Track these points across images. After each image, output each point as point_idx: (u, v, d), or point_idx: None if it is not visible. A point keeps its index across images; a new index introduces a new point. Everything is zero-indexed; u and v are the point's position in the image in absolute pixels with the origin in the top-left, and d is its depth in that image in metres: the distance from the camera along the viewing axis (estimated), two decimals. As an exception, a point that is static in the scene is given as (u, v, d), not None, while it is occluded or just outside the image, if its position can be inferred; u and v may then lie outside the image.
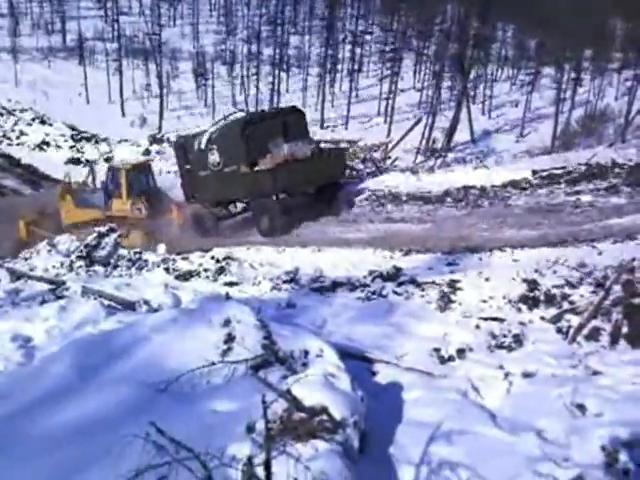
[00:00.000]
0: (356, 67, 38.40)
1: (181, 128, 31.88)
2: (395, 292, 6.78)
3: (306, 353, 4.48)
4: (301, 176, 12.88)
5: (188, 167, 14.35)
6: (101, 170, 17.98)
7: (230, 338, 4.69)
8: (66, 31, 47.55)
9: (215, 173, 13.52)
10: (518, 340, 5.07)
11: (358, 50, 39.30)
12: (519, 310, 5.61)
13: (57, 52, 45.04)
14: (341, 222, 14.57)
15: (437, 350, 5.12)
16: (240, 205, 14.54)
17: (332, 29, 38.29)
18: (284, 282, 8.66)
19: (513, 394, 4.38)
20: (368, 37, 43.47)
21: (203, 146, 13.73)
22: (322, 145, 14.59)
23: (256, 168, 12.91)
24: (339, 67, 40.79)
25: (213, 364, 4.30)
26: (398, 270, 7.61)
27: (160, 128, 32.23)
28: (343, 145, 21.01)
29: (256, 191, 12.82)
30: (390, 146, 22.71)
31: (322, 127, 32.47)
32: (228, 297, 6.02)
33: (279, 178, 12.62)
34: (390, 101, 29.81)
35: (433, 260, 8.62)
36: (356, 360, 4.98)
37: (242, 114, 15.59)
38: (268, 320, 5.04)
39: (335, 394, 3.51)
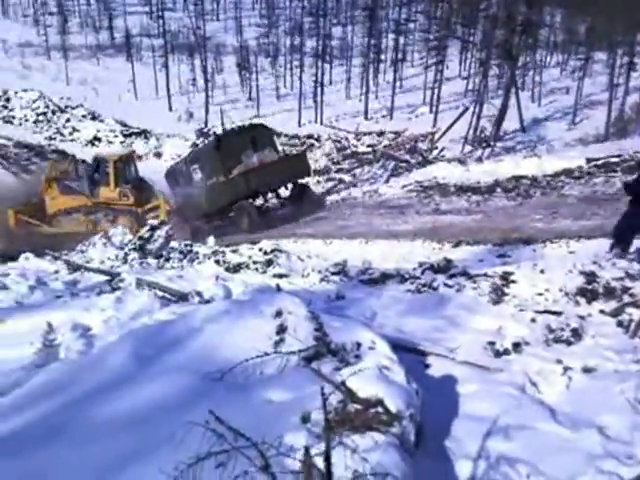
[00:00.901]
0: (400, 56, 37.92)
1: (226, 122, 32.24)
2: (446, 284, 6.68)
3: (358, 345, 4.46)
4: (270, 176, 14.80)
5: (180, 188, 16.14)
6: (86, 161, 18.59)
7: (282, 329, 4.71)
8: (113, 28, 48.62)
9: (200, 189, 15.34)
10: (577, 334, 4.92)
11: (402, 39, 38.79)
12: (577, 303, 5.45)
13: (105, 49, 46.13)
14: (388, 213, 14.53)
15: (492, 344, 5.02)
16: None
17: (375, 19, 37.88)
18: (332, 274, 8.66)
19: (573, 389, 4.25)
20: (412, 26, 42.91)
21: (185, 168, 15.70)
22: (284, 150, 17.04)
23: (231, 175, 14.77)
24: (382, 57, 40.39)
25: (266, 355, 4.34)
26: (449, 262, 7.51)
27: (206, 122, 32.66)
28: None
29: (234, 195, 14.52)
30: (437, 136, 22.40)
31: (366, 118, 32.23)
32: (279, 289, 6.05)
33: (252, 180, 14.47)
34: (435, 90, 29.34)
35: (484, 252, 8.48)
36: (408, 353, 4.94)
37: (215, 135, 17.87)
38: (319, 312, 5.05)
39: (390, 386, 3.49)
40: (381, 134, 26.14)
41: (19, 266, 10.69)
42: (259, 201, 15.81)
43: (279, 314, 4.87)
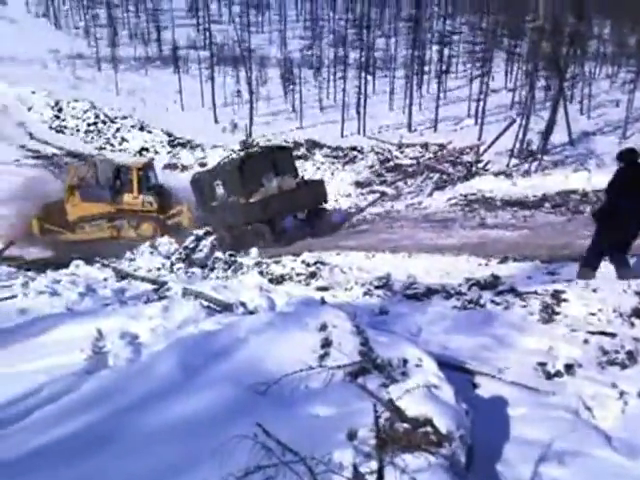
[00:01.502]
0: (444, 68, 37.64)
1: (270, 133, 32.58)
2: (493, 301, 6.54)
3: (405, 362, 4.40)
4: (288, 204, 15.41)
5: (203, 199, 16.64)
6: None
7: (327, 343, 4.68)
8: (161, 41, 49.83)
9: (222, 203, 15.89)
10: (632, 357, 4.73)
11: (446, 51, 38.53)
12: (632, 325, 5.25)
13: (153, 61, 47.29)
14: (431, 227, 14.38)
15: (542, 365, 4.87)
16: None
17: (419, 30, 37.76)
18: (376, 288, 8.60)
19: (629, 415, 4.09)
20: (456, 37, 42.61)
21: (210, 180, 16.21)
22: (303, 177, 17.10)
23: (251, 200, 15.23)
24: (426, 69, 40.20)
25: (311, 368, 4.33)
26: (496, 278, 7.35)
27: (250, 133, 33.04)
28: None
29: (251, 218, 15.00)
30: (482, 149, 22.10)
31: (410, 130, 32.07)
32: (323, 302, 6.03)
33: (270, 207, 15.04)
34: (480, 102, 29.01)
35: (532, 269, 8.28)
36: (455, 371, 4.84)
37: (240, 154, 18.18)
38: (364, 326, 5.01)
39: (439, 406, 3.42)
40: (425, 146, 25.92)
41: (70, 273, 10.99)
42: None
43: (324, 327, 4.85)
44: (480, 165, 20.68)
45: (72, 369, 4.98)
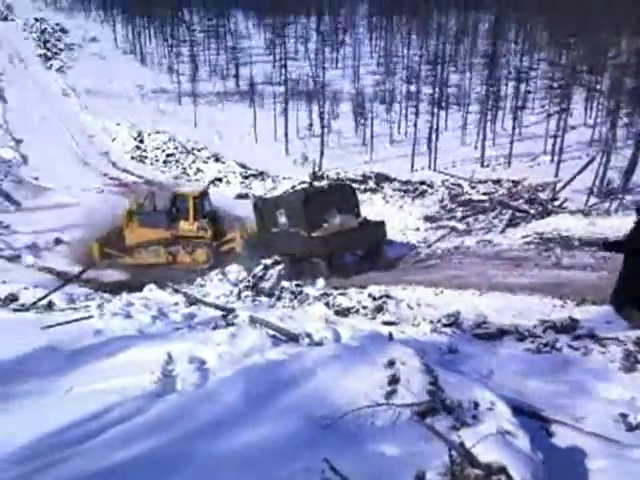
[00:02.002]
0: (520, 104, 37.03)
1: (340, 166, 32.91)
2: (571, 346, 6.23)
3: (476, 404, 4.24)
4: (349, 242, 15.63)
5: (264, 224, 17.03)
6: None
7: (394, 380, 4.58)
8: (239, 76, 51.67)
9: (282, 231, 16.23)
10: None
11: (522, 87, 37.95)
12: None
13: (230, 95, 49.05)
14: (503, 265, 13.97)
15: (624, 416, 4.56)
16: None
17: (494, 66, 37.44)
18: (444, 325, 8.38)
19: None
20: (533, 73, 41.95)
21: (272, 208, 16.63)
22: (365, 217, 17.18)
23: (313, 234, 15.45)
24: (501, 104, 39.69)
25: (378, 405, 4.24)
26: (574, 322, 7.01)
27: (320, 166, 33.48)
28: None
29: (311, 252, 15.23)
30: (559, 186, 21.43)
31: (482, 165, 31.59)
32: (391, 337, 5.94)
33: (331, 244, 15.20)
34: (558, 139, 28.25)
35: (612, 313, 7.85)
36: (530, 418, 4.61)
37: (305, 187, 18.88)
38: (433, 365, 4.88)
39: (514, 453, 3.26)
40: (498, 182, 25.45)
41: (143, 296, 11.33)
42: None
43: (391, 364, 4.75)
44: (556, 203, 20.02)
45: (142, 391, 5.09)
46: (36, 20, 68.86)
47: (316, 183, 26.57)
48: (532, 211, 19.33)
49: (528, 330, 7.19)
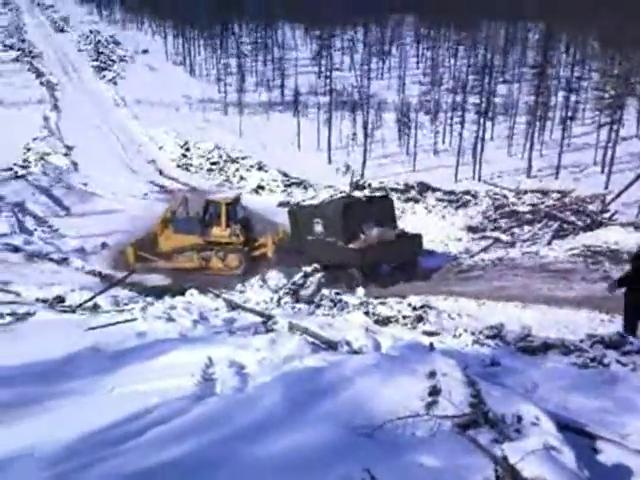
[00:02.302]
0: (569, 114, 36.22)
1: (382, 175, 32.79)
2: (619, 362, 6.00)
3: (519, 418, 4.11)
4: (385, 255, 15.59)
5: (299, 230, 17.09)
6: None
7: (435, 391, 4.49)
8: (284, 87, 52.26)
9: (318, 239, 16.26)
10: None
11: (572, 97, 37.13)
12: None
13: (275, 106, 49.60)
14: (549, 277, 13.65)
15: (674, 434, 4.35)
16: None
17: (544, 76, 36.75)
18: (487, 337, 8.19)
19: None
20: (584, 83, 41.02)
21: (308, 216, 16.76)
22: (402, 229, 17.19)
23: (350, 245, 15.52)
24: (550, 114, 38.90)
25: (418, 415, 4.16)
26: (623, 337, 6.76)
27: (362, 175, 33.44)
28: None
29: (348, 262, 15.28)
30: (609, 198, 20.81)
31: (529, 176, 30.99)
32: (432, 348, 5.84)
33: (368, 256, 15.25)
34: (609, 150, 27.48)
35: (663, 329, 7.55)
36: (575, 434, 4.44)
37: (343, 195, 18.89)
38: (475, 377, 4.76)
39: (559, 470, 3.14)
40: (545, 193, 24.86)
41: (185, 301, 11.49)
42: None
43: (432, 375, 4.66)
44: (606, 215, 19.43)
45: (182, 393, 5.14)
46: (91, 32, 71.36)
47: (357, 193, 26.52)
48: (580, 223, 18.82)
49: (574, 344, 6.96)
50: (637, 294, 7.98)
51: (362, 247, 15.39)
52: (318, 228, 16.39)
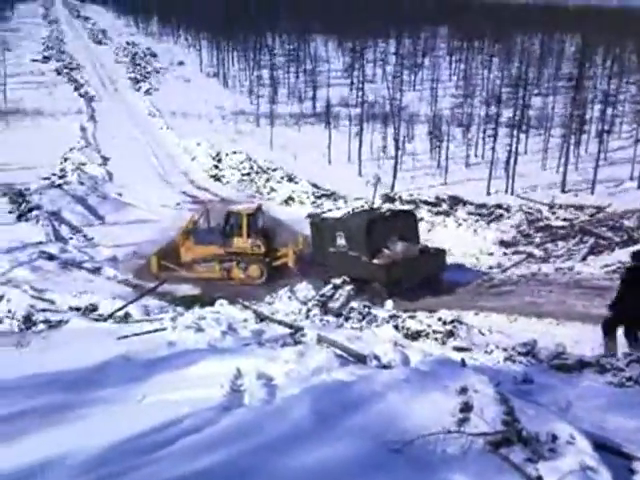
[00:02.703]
0: (606, 128, 35.58)
1: (413, 188, 32.65)
2: (657, 381, 5.83)
3: (554, 437, 4.00)
4: (411, 271, 15.44)
5: (320, 242, 17.12)
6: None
7: (467, 408, 4.41)
8: (316, 98, 52.58)
9: (341, 252, 16.23)
10: None
11: (609, 110, 36.48)
12: None
13: (306, 117, 49.90)
14: (584, 294, 13.35)
15: None
16: None
17: (580, 89, 36.22)
18: (519, 354, 8.04)
19: None
20: (621, 96, 40.29)
21: (331, 228, 16.84)
22: (426, 245, 17.30)
23: (374, 261, 15.53)
24: (585, 128, 38.31)
25: (449, 432, 4.09)
26: (660, 356, 6.57)
27: (393, 187, 33.34)
28: None
29: (372, 278, 15.28)
30: (645, 214, 20.34)
31: (563, 191, 30.49)
32: (464, 364, 5.75)
33: (393, 272, 15.20)
34: (646, 164, 26.92)
35: None
36: (611, 454, 4.31)
37: (366, 209, 19.21)
38: (508, 394, 4.67)
39: (596, 493, 3.04)
40: (580, 208, 24.42)
41: (214, 311, 11.54)
42: None
43: (464, 391, 4.58)
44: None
45: (211, 403, 5.15)
46: (128, 44, 73.09)
47: (386, 205, 26.43)
48: (616, 239, 18.42)
49: (610, 363, 6.78)
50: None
51: (387, 263, 15.42)
52: (341, 241, 16.41)
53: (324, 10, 77.33)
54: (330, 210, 20.76)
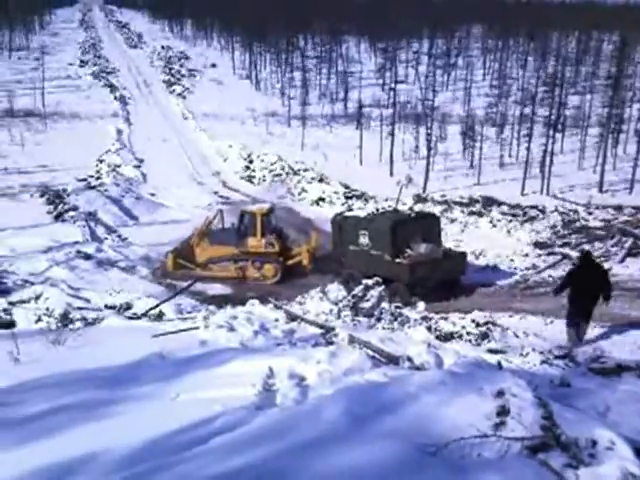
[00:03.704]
0: (644, 127, 34.68)
1: (445, 188, 32.29)
2: (702, 387, 5.62)
3: (593, 443, 3.89)
4: (433, 272, 15.53)
5: (342, 239, 17.35)
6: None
7: (504, 411, 4.33)
8: (348, 100, 52.43)
9: (363, 251, 16.57)
10: None
11: (648, 109, 35.57)
12: None
13: (338, 118, 49.81)
14: (622, 296, 13.02)
15: None
16: None
17: (618, 88, 35.32)
18: (556, 357, 7.86)
19: None
20: (661, 95, 39.22)
21: (355, 227, 16.98)
22: (449, 248, 17.62)
23: (397, 260, 15.79)
24: (624, 127, 37.31)
25: (485, 436, 4.01)
26: None
27: (424, 188, 33.02)
28: None
29: (395, 277, 15.38)
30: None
31: (600, 191, 29.78)
32: (500, 367, 5.64)
33: (417, 273, 15.36)
34: (687, 164, 26.13)
35: None
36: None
37: (391, 211, 19.08)
38: (546, 398, 4.56)
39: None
40: (618, 208, 23.80)
41: (246, 311, 11.59)
42: None
43: (501, 394, 4.50)
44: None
45: (243, 402, 5.16)
46: (162, 48, 74.16)
47: (416, 206, 26.21)
48: (656, 241, 17.90)
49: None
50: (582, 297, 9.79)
51: (411, 263, 15.59)
52: (363, 240, 16.64)
53: (356, 11, 77.22)
54: (351, 210, 20.79)
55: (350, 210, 20.80)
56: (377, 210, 19.73)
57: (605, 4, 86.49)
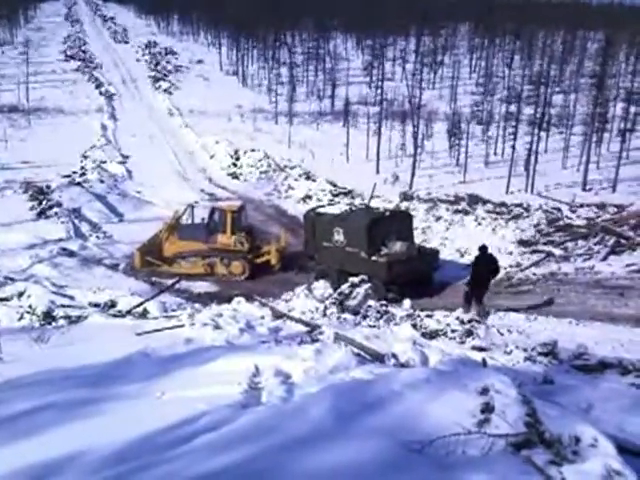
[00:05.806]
0: (628, 126, 34.99)
1: (431, 186, 32.41)
2: (683, 384, 5.71)
3: (577, 440, 3.93)
4: (408, 269, 15.83)
5: (315, 236, 17.36)
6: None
7: (488, 408, 4.36)
8: (334, 97, 52.40)
9: (337, 248, 16.63)
10: None
11: (632, 108, 35.86)
12: None
13: (325, 116, 49.77)
14: (604, 294, 13.18)
15: None
16: None
17: (602, 87, 35.61)
18: (539, 354, 7.93)
19: None
20: (645, 94, 39.55)
21: (329, 224, 16.97)
22: (422, 245, 18.14)
23: (374, 258, 15.93)
24: (608, 126, 37.66)
25: (469, 433, 4.03)
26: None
27: (411, 186, 33.10)
28: None
29: (372, 274, 15.23)
30: (669, 213, 19.97)
31: (584, 189, 30.05)
32: (485, 364, 5.67)
33: (394, 270, 15.53)
34: (670, 163, 26.42)
35: None
36: (635, 456, 4.23)
37: (364, 208, 19.26)
38: (531, 395, 4.60)
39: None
40: (601, 207, 24.03)
41: (231, 309, 11.56)
42: None
43: (485, 391, 4.54)
44: (666, 231, 18.63)
45: (229, 400, 5.14)
46: (149, 43, 73.60)
47: (405, 202, 26.29)
48: (638, 238, 18.10)
49: (633, 364, 6.67)
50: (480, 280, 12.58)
51: (389, 260, 15.72)
52: (338, 237, 16.69)
53: (344, 8, 77.16)
54: (323, 206, 20.73)
55: (322, 206, 20.68)
56: (350, 207, 19.84)
57: (590, 3, 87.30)
